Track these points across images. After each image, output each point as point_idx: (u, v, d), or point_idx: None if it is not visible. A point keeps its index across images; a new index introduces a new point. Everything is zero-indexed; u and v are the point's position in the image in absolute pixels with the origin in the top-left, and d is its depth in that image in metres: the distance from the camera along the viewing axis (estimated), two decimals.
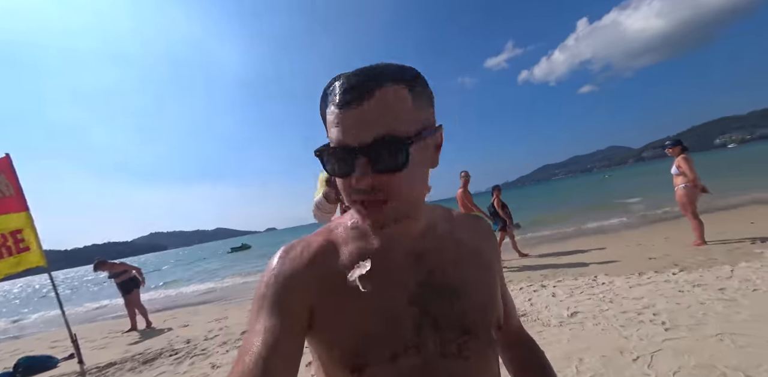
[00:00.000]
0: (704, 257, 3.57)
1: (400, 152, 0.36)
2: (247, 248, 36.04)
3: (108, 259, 5.67)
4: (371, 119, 0.35)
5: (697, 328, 2.03)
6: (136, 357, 3.76)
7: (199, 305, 7.64)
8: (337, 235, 0.48)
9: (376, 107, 0.35)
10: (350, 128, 0.35)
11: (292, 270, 0.43)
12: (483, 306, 0.46)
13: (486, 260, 0.51)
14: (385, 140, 0.35)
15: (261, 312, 0.41)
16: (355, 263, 0.44)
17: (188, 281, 14.03)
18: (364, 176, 0.36)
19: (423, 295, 0.44)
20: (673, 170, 4.29)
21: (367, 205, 0.38)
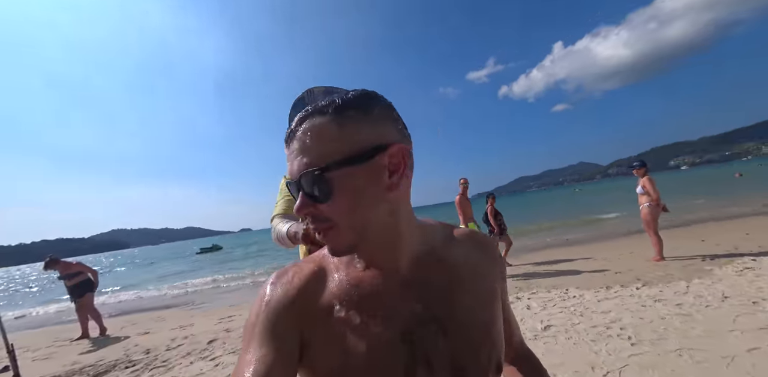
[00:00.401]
0: (663, 273, 3.84)
1: (320, 183, 0.36)
2: (218, 249, 34.38)
3: (61, 257, 5.17)
4: (297, 154, 0.38)
5: (659, 343, 2.16)
6: (86, 369, 3.42)
7: (162, 310, 7.13)
8: (330, 261, 0.47)
9: (299, 141, 0.38)
10: (290, 163, 0.39)
11: (284, 298, 0.42)
12: (480, 345, 0.43)
13: (489, 283, 0.48)
14: (306, 173, 0.37)
15: (252, 342, 0.40)
16: (344, 293, 0.43)
17: (150, 284, 13.11)
18: (301, 208, 0.38)
19: (416, 331, 0.41)
20: (639, 189, 4.69)
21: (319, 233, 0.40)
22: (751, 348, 1.95)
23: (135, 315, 6.92)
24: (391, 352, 0.40)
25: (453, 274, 0.45)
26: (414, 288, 0.43)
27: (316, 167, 0.36)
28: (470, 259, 0.48)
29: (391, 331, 0.40)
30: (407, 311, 0.42)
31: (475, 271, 0.47)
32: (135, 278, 17.20)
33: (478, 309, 0.45)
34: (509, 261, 6.07)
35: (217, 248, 35.14)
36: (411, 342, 0.40)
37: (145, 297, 9.74)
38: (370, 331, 0.40)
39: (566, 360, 2.10)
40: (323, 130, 0.37)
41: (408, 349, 0.40)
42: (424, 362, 0.40)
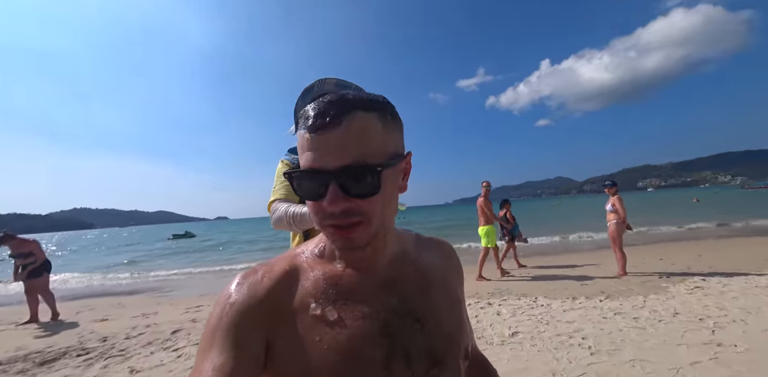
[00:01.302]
0: (624, 287, 4.09)
1: (372, 178, 0.37)
2: (191, 236, 33.08)
3: (16, 234, 4.78)
4: (342, 145, 0.36)
5: (616, 353, 2.30)
6: (32, 356, 3.19)
7: (125, 296, 6.78)
8: (303, 260, 0.46)
9: (347, 133, 0.36)
10: (322, 153, 0.36)
11: (250, 299, 0.40)
12: (452, 336, 0.46)
13: (453, 287, 0.52)
14: (358, 166, 0.36)
15: (211, 349, 0.37)
16: (321, 291, 0.42)
17: (113, 268, 12.41)
18: (337, 201, 0.36)
19: (394, 325, 0.42)
20: (608, 207, 5.00)
21: (339, 229, 0.38)
22: (694, 361, 2.12)
23: (93, 299, 6.52)
24: (371, 344, 0.40)
25: (425, 275, 0.49)
26: (391, 285, 0.45)
27: (365, 163, 0.36)
28: (437, 263, 0.53)
29: (370, 325, 0.41)
30: (385, 306, 0.43)
31: (443, 274, 0.52)
32: (96, 260, 16.22)
33: (449, 305, 0.49)
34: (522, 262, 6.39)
35: (190, 235, 33.80)
36: (390, 334, 0.41)
37: (107, 282, 9.20)
38: (348, 326, 0.40)
39: (529, 366, 2.20)
40: (371, 126, 0.37)
41: (387, 341, 0.41)
42: (402, 353, 0.41)
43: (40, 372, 2.80)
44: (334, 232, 0.38)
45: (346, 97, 0.38)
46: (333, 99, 0.38)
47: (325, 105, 0.37)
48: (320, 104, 0.37)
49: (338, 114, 0.36)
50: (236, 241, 23.21)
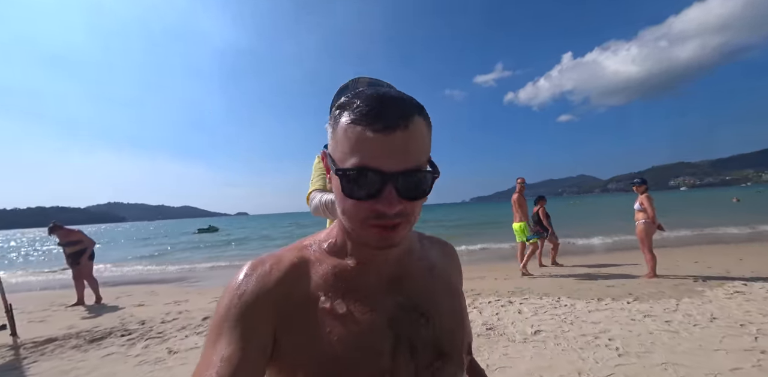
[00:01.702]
0: (654, 290, 3.91)
1: (426, 183, 0.38)
2: (214, 230, 34.67)
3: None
4: (405, 148, 0.35)
5: (646, 356, 2.23)
6: (82, 334, 3.50)
7: (157, 284, 7.24)
8: (311, 253, 0.46)
9: (410, 136, 0.35)
10: (385, 154, 0.35)
11: (259, 290, 0.40)
12: (455, 331, 0.47)
13: (455, 285, 0.53)
14: (418, 171, 0.36)
15: (219, 339, 0.37)
16: (330, 284, 0.43)
17: (146, 259, 13.24)
18: (393, 203, 0.35)
19: (400, 319, 0.44)
20: (636, 206, 4.77)
21: (383, 229, 0.37)
22: (734, 367, 2.02)
23: (129, 287, 7.02)
24: (379, 336, 0.41)
25: (430, 272, 0.50)
26: (398, 282, 0.46)
27: (422, 168, 0.37)
28: (441, 262, 0.54)
29: (377, 318, 0.42)
30: (392, 301, 0.44)
31: (446, 272, 0.53)
32: (131, 251, 17.35)
33: (452, 302, 0.50)
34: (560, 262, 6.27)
35: (213, 229, 35.43)
36: (396, 328, 0.42)
37: (141, 271, 9.86)
38: (357, 318, 0.41)
39: (554, 364, 2.17)
40: (425, 132, 0.38)
41: (394, 334, 0.42)
42: (407, 345, 0.42)
43: (91, 348, 3.08)
44: (376, 232, 0.38)
45: (404, 98, 0.37)
46: (393, 97, 0.36)
47: (388, 103, 0.35)
48: (381, 101, 0.35)
49: (404, 116, 0.35)
50: (257, 235, 24.07)
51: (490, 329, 2.90)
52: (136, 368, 2.59)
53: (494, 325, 2.99)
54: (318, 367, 0.38)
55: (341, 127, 0.36)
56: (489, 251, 9.46)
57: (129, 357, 2.83)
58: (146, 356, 2.83)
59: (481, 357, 2.34)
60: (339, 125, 0.37)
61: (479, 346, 2.54)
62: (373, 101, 0.35)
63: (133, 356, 2.85)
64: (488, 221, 23.02)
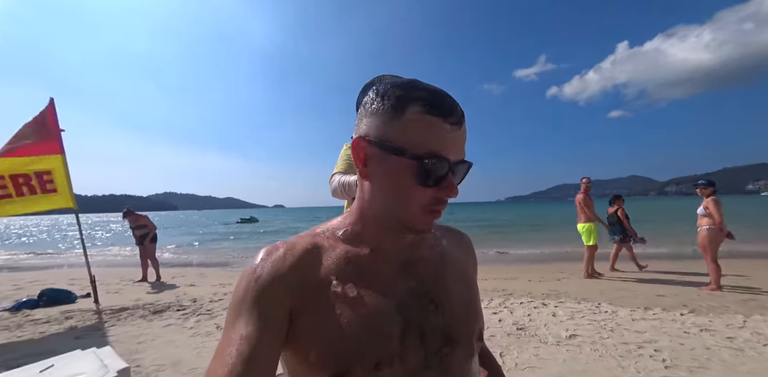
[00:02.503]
0: (717, 303, 3.49)
1: (466, 173, 0.44)
2: (254, 221, 37.36)
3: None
4: (463, 141, 0.42)
5: (699, 371, 2.03)
6: (147, 306, 4.03)
7: (205, 267, 8.02)
8: (324, 239, 0.48)
9: (465, 131, 0.42)
10: (453, 144, 0.40)
11: (274, 274, 0.42)
12: (467, 317, 0.48)
13: (468, 273, 0.54)
14: (467, 162, 0.43)
15: (239, 319, 0.39)
16: (342, 269, 0.44)
17: (196, 244, 14.65)
18: (455, 189, 0.41)
19: (410, 304, 0.44)
20: (700, 210, 4.25)
21: (433, 213, 0.43)
22: None
23: (183, 268, 7.86)
24: (388, 321, 0.42)
25: (442, 259, 0.52)
26: (410, 267, 0.48)
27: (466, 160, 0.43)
28: (455, 250, 0.55)
29: (388, 303, 0.43)
30: (403, 287, 0.45)
31: (460, 261, 0.54)
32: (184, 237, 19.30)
33: (465, 288, 0.51)
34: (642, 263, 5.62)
35: (254, 220, 38.19)
36: (406, 313, 0.43)
37: (192, 255, 10.95)
38: (367, 302, 0.42)
39: (589, 369, 2.07)
40: None
41: (403, 319, 0.43)
42: (417, 330, 0.43)
43: (155, 319, 3.54)
44: (431, 216, 0.42)
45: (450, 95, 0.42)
46: (448, 94, 0.42)
47: (450, 99, 0.41)
48: (445, 96, 0.41)
49: (462, 112, 0.41)
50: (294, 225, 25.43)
51: (521, 329, 2.82)
52: (190, 339, 2.94)
53: (525, 326, 2.90)
54: (329, 348, 0.40)
55: (413, 116, 0.39)
56: (524, 253, 9.03)
57: (184, 328, 3.21)
58: (198, 329, 3.19)
59: (510, 356, 2.30)
60: (406, 113, 0.39)
61: (509, 345, 2.49)
62: (438, 94, 0.40)
63: (187, 328, 3.22)
64: (525, 222, 21.90)
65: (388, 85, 0.42)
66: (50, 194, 3.99)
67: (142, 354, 2.58)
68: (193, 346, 2.74)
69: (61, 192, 4.06)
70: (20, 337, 3.04)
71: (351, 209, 0.51)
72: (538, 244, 10.38)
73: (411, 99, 0.39)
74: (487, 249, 9.77)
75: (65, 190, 4.09)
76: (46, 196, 3.97)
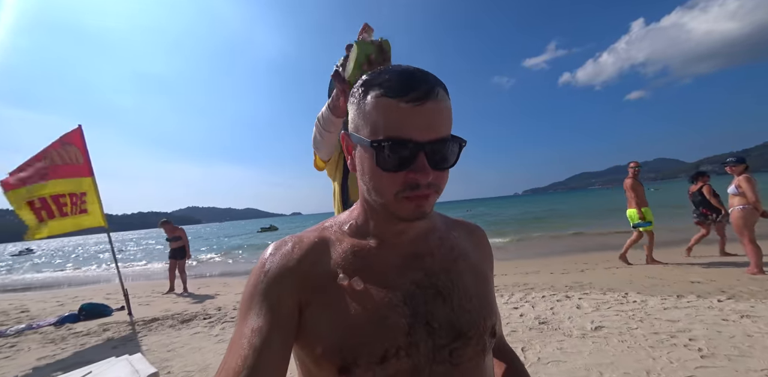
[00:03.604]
0: (759, 288, 3.24)
1: (454, 152, 0.39)
2: (274, 229, 38.25)
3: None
4: (438, 119, 0.37)
5: (740, 360, 1.89)
6: (176, 316, 4.21)
7: (228, 277, 8.28)
8: (331, 233, 0.48)
9: (439, 107, 0.37)
10: (418, 124, 0.36)
11: (283, 268, 0.43)
12: (478, 312, 0.46)
13: (481, 268, 0.52)
14: (447, 139, 0.38)
15: (249, 313, 0.40)
16: (349, 262, 0.44)
17: (221, 255, 15.17)
18: (427, 171, 0.37)
19: (417, 297, 0.43)
20: (731, 189, 4.00)
21: (415, 199, 0.39)
22: None
23: (207, 279, 8.16)
24: (395, 313, 0.42)
25: (452, 251, 0.50)
26: (417, 259, 0.47)
27: (450, 136, 0.38)
28: (466, 244, 0.53)
29: (394, 295, 0.43)
30: (410, 279, 0.44)
31: (470, 252, 0.52)
32: (207, 248, 20.01)
33: (476, 282, 0.48)
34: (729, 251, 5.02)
35: (274, 228, 39.11)
36: (413, 305, 0.43)
37: (215, 265, 11.34)
38: (373, 295, 0.42)
39: (617, 361, 1.97)
40: (449, 104, 0.40)
41: (411, 311, 0.42)
42: (423, 323, 0.42)
43: (183, 327, 3.69)
44: (409, 202, 0.39)
45: (428, 73, 0.39)
46: (419, 71, 0.38)
47: (416, 76, 0.37)
48: (409, 74, 0.37)
49: (432, 87, 0.37)
50: None
51: (543, 323, 2.73)
52: (216, 345, 3.05)
53: (548, 319, 2.81)
54: (335, 340, 0.40)
55: (370, 102, 0.38)
56: (545, 246, 8.76)
57: (211, 336, 3.34)
58: (224, 336, 3.30)
59: (533, 350, 2.23)
60: (366, 100, 0.38)
61: (530, 339, 2.42)
62: (401, 74, 0.37)
63: (213, 335, 3.34)
64: (543, 216, 21.24)
65: (363, 77, 0.41)
66: (82, 215, 4.27)
67: (172, 361, 2.69)
68: (220, 352, 2.83)
69: (91, 212, 4.32)
70: (64, 349, 3.25)
71: (357, 202, 0.51)
72: (558, 235, 10.03)
73: (371, 85, 0.39)
74: (504, 243, 9.55)
75: (96, 210, 4.35)
76: (79, 217, 4.25)
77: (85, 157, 4.27)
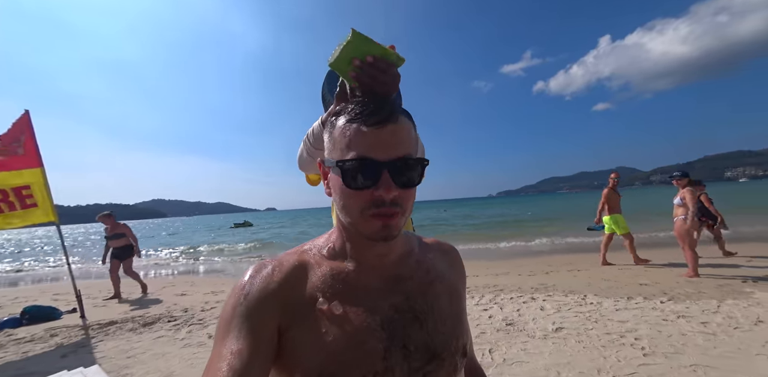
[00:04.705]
0: (693, 290, 3.66)
1: (417, 170, 0.42)
2: (249, 225, 36.54)
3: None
4: (398, 140, 0.41)
5: (674, 357, 2.14)
6: (137, 319, 3.95)
7: (196, 275, 7.89)
8: (310, 256, 0.49)
9: (400, 129, 0.41)
10: (380, 145, 0.40)
11: (263, 291, 0.43)
12: (451, 333, 0.48)
13: (456, 287, 0.54)
14: (408, 158, 0.41)
15: (228, 335, 0.40)
16: (328, 286, 0.45)
17: (188, 252, 14.37)
18: (391, 188, 0.39)
19: (396, 321, 0.45)
20: (677, 200, 4.47)
21: (381, 217, 0.41)
22: None
23: (172, 277, 7.72)
24: (373, 337, 0.43)
25: (428, 274, 0.52)
26: (395, 283, 0.48)
27: (412, 156, 0.42)
28: (442, 266, 0.55)
29: (373, 319, 0.44)
30: (388, 303, 0.46)
31: (448, 276, 0.54)
32: (173, 244, 18.87)
33: (450, 303, 0.51)
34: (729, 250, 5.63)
35: (248, 224, 37.34)
36: (390, 328, 0.44)
37: (181, 263, 10.74)
38: (352, 319, 0.43)
39: (573, 361, 2.15)
40: (411, 128, 0.44)
41: (388, 335, 0.43)
42: (400, 347, 0.43)
43: (145, 331, 3.48)
44: (375, 221, 0.41)
45: (390, 101, 0.44)
46: (382, 99, 0.43)
47: (378, 103, 0.41)
48: (372, 102, 0.42)
49: (392, 112, 0.41)
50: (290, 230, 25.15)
51: (510, 324, 2.90)
52: (182, 350, 2.91)
53: (514, 321, 2.99)
54: (314, 366, 0.40)
55: (338, 128, 0.42)
56: (515, 247, 9.22)
57: (176, 340, 3.18)
58: (190, 340, 3.16)
59: (499, 352, 2.37)
60: (336, 127, 0.43)
61: (498, 341, 2.56)
62: (365, 103, 0.42)
63: (179, 339, 3.19)
64: (517, 218, 22.28)
65: (337, 108, 0.45)
66: (31, 209, 3.87)
67: (132, 368, 2.54)
68: (186, 357, 2.71)
69: (41, 206, 3.94)
70: (2, 358, 2.95)
71: (334, 226, 0.52)
72: (528, 237, 10.60)
73: (340, 113, 0.43)
74: (476, 245, 9.93)
75: (46, 204, 3.97)
76: (27, 211, 3.85)
77: (32, 146, 3.87)
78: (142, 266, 9.64)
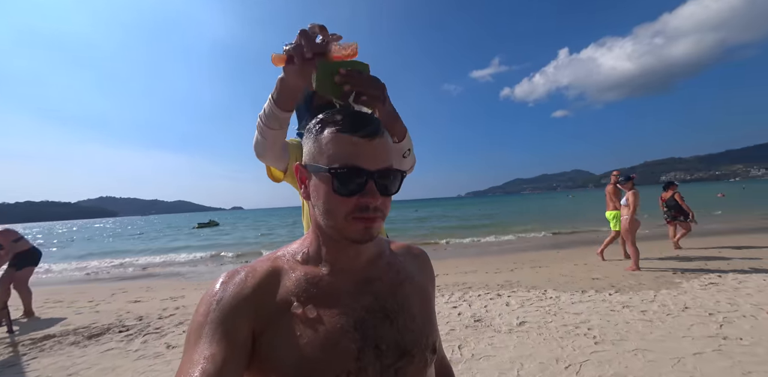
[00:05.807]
0: (635, 282, 4.10)
1: (398, 180, 0.47)
2: (215, 225, 34.13)
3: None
4: (383, 152, 0.45)
5: (620, 343, 2.39)
6: (79, 330, 3.55)
7: (152, 279, 7.27)
8: (284, 262, 0.50)
9: (386, 143, 0.46)
10: (369, 155, 0.44)
11: (237, 296, 0.43)
12: (421, 331, 0.50)
13: (425, 289, 0.57)
14: (392, 170, 0.46)
15: (200, 341, 0.39)
16: (302, 290, 0.46)
17: (142, 254, 13.17)
18: (377, 196, 0.44)
19: (367, 321, 0.46)
20: (623, 201, 4.98)
21: (365, 220, 0.44)
22: (697, 352, 2.19)
23: (125, 282, 7.03)
24: (346, 338, 0.44)
25: (398, 275, 0.54)
26: (367, 285, 0.50)
27: (394, 167, 0.47)
28: (412, 268, 0.58)
29: (345, 321, 0.45)
30: (360, 304, 0.48)
31: (414, 274, 0.57)
32: (127, 247, 17.19)
33: (420, 302, 0.54)
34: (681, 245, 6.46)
35: (214, 223, 34.92)
36: (363, 329, 0.46)
37: (133, 267, 9.83)
38: (326, 322, 0.44)
39: (534, 353, 2.32)
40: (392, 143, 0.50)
41: (360, 336, 0.45)
42: (372, 346, 0.45)
43: (90, 344, 3.13)
44: (359, 223, 0.44)
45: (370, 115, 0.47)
46: (367, 114, 0.47)
47: (366, 117, 0.45)
48: (361, 116, 0.45)
49: (378, 126, 0.45)
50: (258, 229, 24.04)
51: (478, 321, 3.05)
52: (135, 362, 2.67)
53: (482, 317, 3.14)
54: (289, 369, 0.41)
55: (327, 136, 0.44)
56: (482, 246, 9.67)
57: (129, 352, 2.91)
58: (145, 351, 2.91)
59: (468, 348, 2.47)
60: (323, 135, 0.45)
61: (466, 337, 2.68)
62: (353, 115, 0.45)
63: (132, 351, 2.92)
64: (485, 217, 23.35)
65: (318, 117, 0.48)
66: None
67: None
68: (140, 370, 2.50)
69: None
70: None
71: (308, 231, 0.53)
72: (495, 235, 11.17)
73: (328, 123, 0.45)
74: (446, 243, 10.27)
75: None
76: None
77: None
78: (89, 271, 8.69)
